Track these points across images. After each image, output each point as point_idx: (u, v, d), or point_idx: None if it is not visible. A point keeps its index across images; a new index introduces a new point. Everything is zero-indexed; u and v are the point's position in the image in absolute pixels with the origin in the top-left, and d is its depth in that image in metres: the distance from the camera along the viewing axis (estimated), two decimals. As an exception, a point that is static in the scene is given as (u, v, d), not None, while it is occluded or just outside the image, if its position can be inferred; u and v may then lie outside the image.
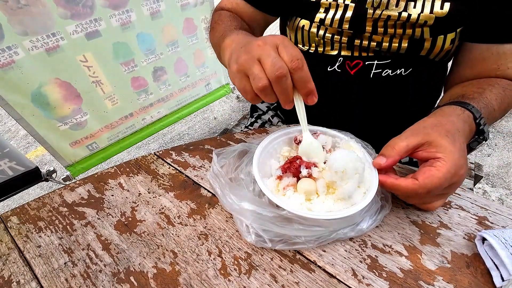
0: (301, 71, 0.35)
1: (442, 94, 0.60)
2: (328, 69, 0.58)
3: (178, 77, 1.64)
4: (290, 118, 0.78)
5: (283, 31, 0.69)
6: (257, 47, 0.37)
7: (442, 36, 0.49)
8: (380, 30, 0.51)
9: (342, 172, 0.38)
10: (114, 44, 1.27)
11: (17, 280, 0.38)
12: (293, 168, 0.41)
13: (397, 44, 0.51)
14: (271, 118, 0.79)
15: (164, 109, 1.66)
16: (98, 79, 1.29)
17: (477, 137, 0.44)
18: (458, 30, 0.49)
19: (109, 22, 1.22)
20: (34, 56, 1.06)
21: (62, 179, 1.37)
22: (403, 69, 0.53)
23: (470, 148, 0.45)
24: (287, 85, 0.36)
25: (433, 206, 0.40)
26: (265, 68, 0.35)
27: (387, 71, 0.54)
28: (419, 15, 0.47)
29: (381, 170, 0.40)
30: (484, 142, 0.45)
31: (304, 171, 0.40)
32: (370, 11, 0.50)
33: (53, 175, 1.33)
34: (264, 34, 0.54)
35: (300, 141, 0.45)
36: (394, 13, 0.48)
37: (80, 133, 1.34)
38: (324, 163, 0.42)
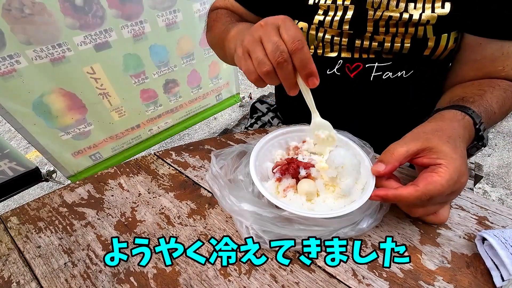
0: (301, 52, 0.35)
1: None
2: (327, 72, 0.57)
3: (190, 89, 1.60)
4: (289, 119, 0.78)
5: None
6: (259, 27, 0.37)
7: (446, 34, 0.48)
8: (382, 29, 0.50)
9: (342, 168, 0.39)
10: (124, 56, 1.24)
11: (17, 280, 0.38)
12: (292, 169, 0.41)
13: (399, 44, 0.50)
14: (271, 120, 0.78)
15: (172, 119, 1.62)
16: (106, 91, 1.26)
17: (476, 143, 0.43)
18: (461, 28, 0.48)
19: (121, 33, 1.18)
20: (37, 65, 1.04)
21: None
22: (404, 72, 0.53)
23: (468, 154, 0.44)
24: (288, 70, 0.36)
25: (443, 216, 0.39)
26: (267, 52, 0.35)
27: (388, 73, 0.53)
28: (420, 15, 0.47)
29: (380, 177, 0.38)
30: (482, 148, 0.44)
31: (302, 172, 0.41)
32: (370, 12, 0.49)
33: (53, 175, 1.33)
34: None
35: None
36: (395, 14, 0.48)
37: (83, 143, 1.31)
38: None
